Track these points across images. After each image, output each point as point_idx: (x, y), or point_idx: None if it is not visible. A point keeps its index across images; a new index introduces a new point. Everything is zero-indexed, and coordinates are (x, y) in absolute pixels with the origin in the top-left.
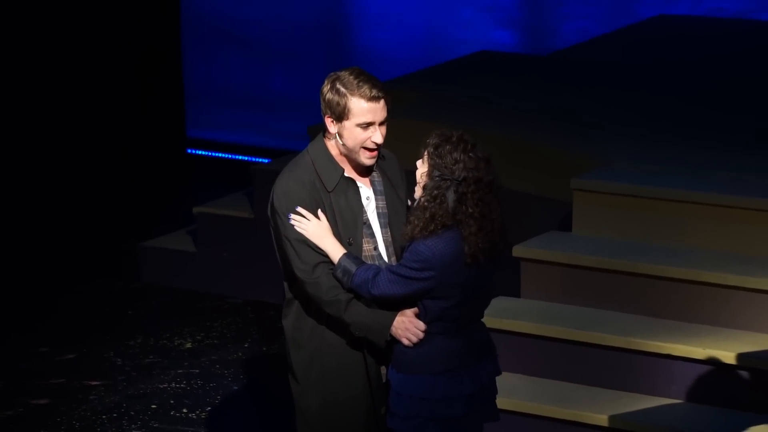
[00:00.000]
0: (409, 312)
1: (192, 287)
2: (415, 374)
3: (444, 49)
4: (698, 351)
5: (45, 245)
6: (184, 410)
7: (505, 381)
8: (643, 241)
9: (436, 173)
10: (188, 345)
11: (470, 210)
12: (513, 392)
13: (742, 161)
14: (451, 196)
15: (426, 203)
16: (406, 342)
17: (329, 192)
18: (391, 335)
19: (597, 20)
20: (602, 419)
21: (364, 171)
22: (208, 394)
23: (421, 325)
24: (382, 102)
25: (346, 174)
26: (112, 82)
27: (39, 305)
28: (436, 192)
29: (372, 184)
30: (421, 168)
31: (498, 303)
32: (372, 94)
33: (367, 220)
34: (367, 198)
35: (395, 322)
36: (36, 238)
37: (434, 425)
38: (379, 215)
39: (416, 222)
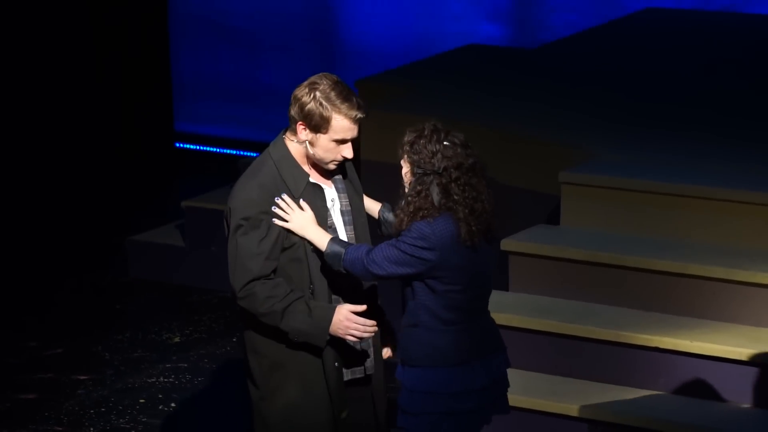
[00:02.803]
0: (345, 310)
1: (180, 281)
2: (427, 368)
3: (433, 42)
4: (686, 344)
5: (33, 240)
6: (173, 404)
7: None
8: (631, 234)
9: (418, 170)
10: (177, 339)
11: (456, 197)
12: None
13: (730, 153)
14: (434, 190)
15: (410, 198)
16: (351, 339)
17: (295, 198)
18: (331, 335)
19: (585, 13)
20: (590, 412)
21: (327, 173)
22: (197, 389)
23: (359, 319)
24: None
25: (311, 180)
26: (99, 75)
27: (27, 300)
28: (419, 188)
29: (334, 182)
30: (404, 167)
31: None
32: (356, 116)
33: (333, 223)
34: (332, 200)
35: (333, 323)
36: (24, 232)
37: (448, 419)
38: (342, 213)
39: (402, 215)
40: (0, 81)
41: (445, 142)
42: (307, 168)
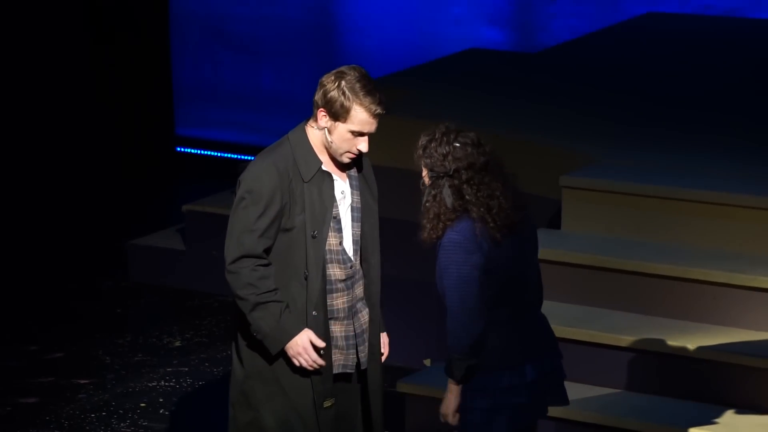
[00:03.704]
0: (306, 337)
1: (181, 285)
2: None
3: (434, 46)
4: (687, 348)
5: (34, 243)
6: (174, 409)
7: None
8: (632, 239)
9: (432, 173)
10: (177, 343)
11: (469, 197)
12: None
13: (731, 158)
14: (447, 192)
15: (428, 204)
16: (295, 363)
17: (305, 182)
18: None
19: (586, 18)
20: (590, 416)
21: (342, 165)
22: (198, 393)
23: (312, 353)
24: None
25: (324, 167)
26: (101, 80)
27: (28, 303)
28: (434, 192)
29: (349, 177)
30: (423, 171)
31: None
32: (376, 111)
33: (338, 215)
34: (342, 192)
35: (292, 341)
36: (25, 236)
37: (500, 413)
38: (352, 209)
39: (426, 224)
40: (0, 85)
41: (455, 143)
42: (323, 157)
